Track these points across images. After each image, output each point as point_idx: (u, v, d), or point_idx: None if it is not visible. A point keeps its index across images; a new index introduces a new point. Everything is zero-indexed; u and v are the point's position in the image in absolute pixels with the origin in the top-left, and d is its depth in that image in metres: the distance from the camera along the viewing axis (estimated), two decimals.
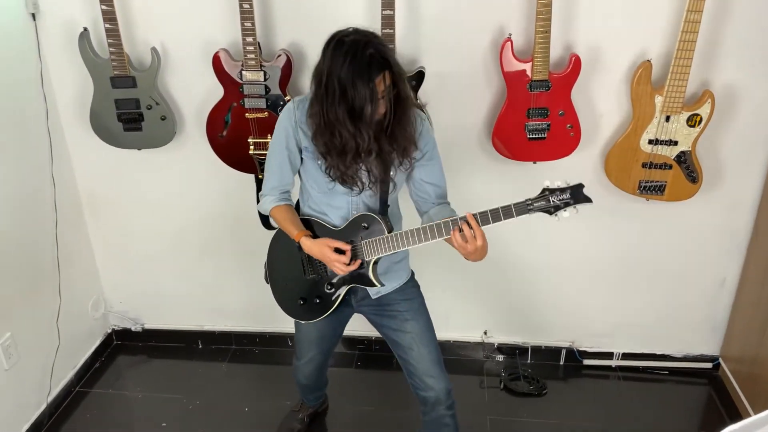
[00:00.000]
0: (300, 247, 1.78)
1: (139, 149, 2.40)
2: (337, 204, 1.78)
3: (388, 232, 1.70)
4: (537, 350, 2.78)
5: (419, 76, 2.15)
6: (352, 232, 1.75)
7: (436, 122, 2.28)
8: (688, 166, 2.18)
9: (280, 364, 2.81)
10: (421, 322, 1.92)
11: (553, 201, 1.54)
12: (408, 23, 2.19)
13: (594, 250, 2.54)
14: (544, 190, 1.56)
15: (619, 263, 2.56)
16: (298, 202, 1.93)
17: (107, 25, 2.15)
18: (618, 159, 2.23)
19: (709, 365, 2.70)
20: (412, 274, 2.00)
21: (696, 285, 2.57)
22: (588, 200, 1.55)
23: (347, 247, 1.72)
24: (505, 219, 1.55)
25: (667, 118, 2.11)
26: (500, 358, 2.81)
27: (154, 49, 2.23)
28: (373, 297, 1.90)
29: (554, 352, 2.77)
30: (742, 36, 2.11)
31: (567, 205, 1.55)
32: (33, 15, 2.28)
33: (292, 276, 1.88)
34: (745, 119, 2.23)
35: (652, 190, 2.24)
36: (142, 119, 2.31)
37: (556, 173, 2.29)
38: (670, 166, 2.19)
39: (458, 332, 2.79)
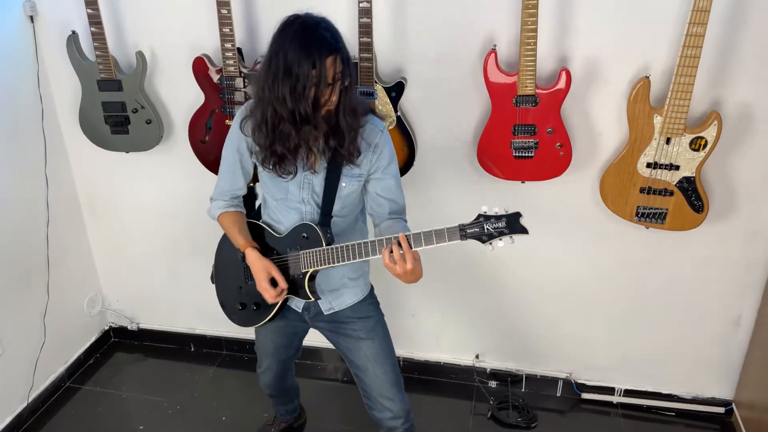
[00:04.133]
0: (243, 258, 1.74)
1: (126, 152, 2.41)
2: (290, 214, 1.73)
3: (326, 245, 1.64)
4: (532, 379, 2.62)
5: (399, 87, 2.05)
6: (293, 240, 1.70)
7: (420, 134, 2.20)
8: (691, 193, 1.98)
9: None
10: (376, 342, 1.83)
11: (487, 229, 1.46)
12: (391, 29, 2.09)
13: (595, 277, 2.36)
14: (479, 216, 1.47)
15: (623, 294, 2.36)
16: (259, 208, 1.89)
17: (93, 29, 2.16)
18: (614, 182, 2.05)
19: (721, 410, 2.46)
20: (371, 290, 1.91)
21: (708, 322, 2.34)
22: (524, 231, 1.46)
23: (283, 285, 1.68)
24: (437, 243, 1.47)
25: (668, 141, 1.92)
26: (493, 384, 2.66)
27: (139, 53, 2.23)
28: (326, 313, 1.83)
29: (550, 382, 2.60)
30: (759, 50, 1.89)
31: (501, 234, 1.46)
32: (31, 18, 2.33)
33: (234, 280, 1.85)
34: (762, 141, 2.01)
35: (651, 217, 2.05)
36: (129, 122, 2.31)
37: (546, 194, 2.21)
38: (672, 193, 1.99)
39: (449, 354, 2.67)
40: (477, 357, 2.65)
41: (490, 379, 2.66)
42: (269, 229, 1.77)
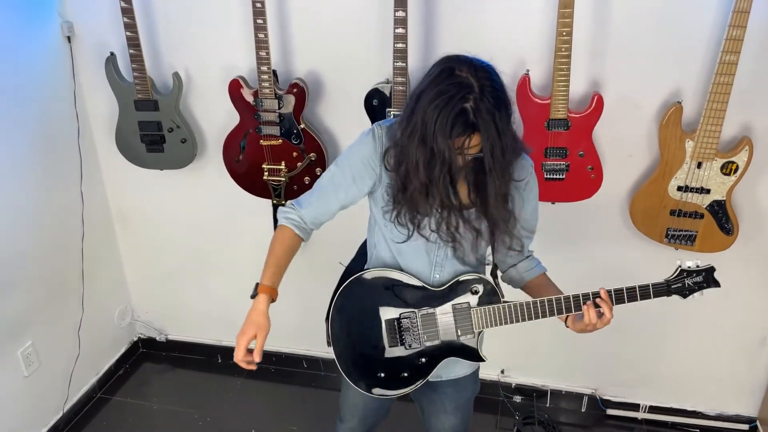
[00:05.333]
0: (253, 296, 1.51)
1: (161, 169, 2.46)
2: (417, 259, 1.51)
3: (502, 300, 1.50)
4: (557, 394, 2.65)
5: None
6: (457, 296, 1.50)
7: None
8: (721, 216, 2.00)
9: (294, 385, 2.81)
10: (458, 418, 1.73)
11: (688, 284, 1.49)
12: (422, 54, 2.12)
13: None
14: (681, 271, 1.48)
15: (650, 312, 2.38)
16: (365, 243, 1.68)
17: (131, 51, 2.20)
18: (644, 204, 2.08)
19: (745, 427, 2.48)
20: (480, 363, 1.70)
21: (734, 342, 2.36)
22: (717, 285, 1.49)
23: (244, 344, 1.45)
24: (641, 299, 1.48)
25: (699, 165, 1.95)
26: (518, 399, 2.69)
27: (175, 74, 2.28)
28: (431, 380, 1.62)
29: (575, 398, 2.63)
30: None
31: (700, 288, 1.50)
32: (68, 38, 2.38)
33: (370, 342, 1.55)
34: None
35: (680, 239, 2.07)
36: (164, 141, 2.36)
37: (576, 215, 2.23)
38: (702, 216, 2.02)
39: None
40: (502, 372, 2.68)
41: (514, 394, 2.69)
42: (412, 284, 1.51)
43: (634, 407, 2.58)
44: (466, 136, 1.24)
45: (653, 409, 2.56)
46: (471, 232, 1.44)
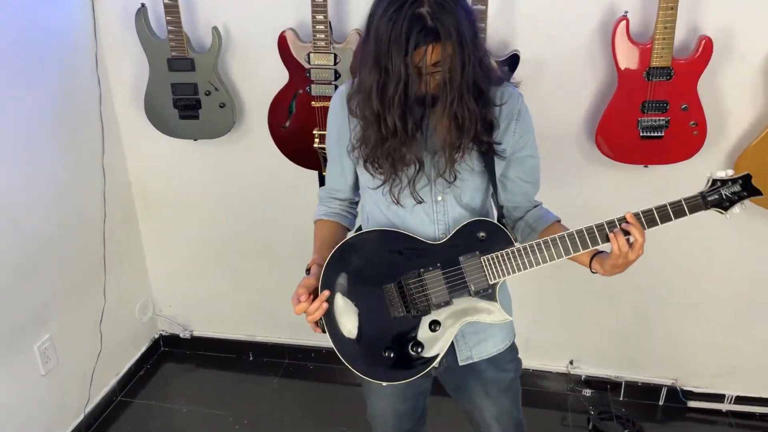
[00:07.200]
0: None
1: (195, 139, 2.20)
2: (411, 212, 1.33)
3: (515, 242, 1.29)
4: (632, 386, 2.40)
5: (513, 60, 1.85)
6: (461, 246, 1.28)
7: None
8: None
9: (336, 383, 2.53)
10: (504, 402, 1.49)
11: (725, 194, 1.23)
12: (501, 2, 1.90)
13: (712, 274, 2.15)
14: (714, 181, 1.24)
15: (744, 293, 2.16)
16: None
17: (166, 1, 1.95)
18: (752, 165, 1.84)
19: None
20: (514, 337, 1.52)
21: None
22: (758, 193, 1.24)
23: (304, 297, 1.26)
24: (675, 218, 1.22)
25: None
26: (587, 392, 2.44)
27: (215, 29, 2.02)
28: (461, 364, 1.42)
29: (653, 389, 2.39)
30: None
31: (740, 198, 1.24)
32: None
33: (372, 314, 1.31)
34: None
35: None
36: (200, 106, 2.10)
37: (669, 180, 2.00)
38: None
39: (539, 360, 2.44)
40: (571, 363, 2.43)
41: (584, 387, 2.44)
42: (412, 235, 1.31)
43: (719, 398, 2.34)
44: (425, 46, 1.09)
45: (740, 400, 2.33)
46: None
